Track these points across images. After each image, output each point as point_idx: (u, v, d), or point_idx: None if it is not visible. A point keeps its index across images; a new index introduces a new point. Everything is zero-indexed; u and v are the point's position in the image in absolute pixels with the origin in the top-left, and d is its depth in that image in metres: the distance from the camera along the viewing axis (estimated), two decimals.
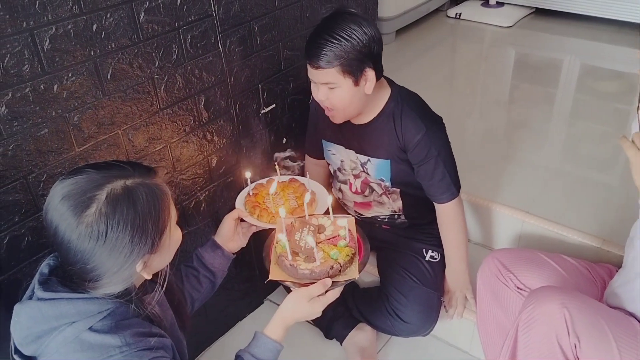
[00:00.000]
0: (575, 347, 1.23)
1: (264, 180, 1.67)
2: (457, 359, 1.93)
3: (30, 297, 1.04)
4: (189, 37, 1.47)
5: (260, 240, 1.60)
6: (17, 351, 1.04)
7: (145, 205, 1.00)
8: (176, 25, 1.42)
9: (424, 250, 1.87)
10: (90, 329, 1.00)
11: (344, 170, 1.83)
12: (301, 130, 1.98)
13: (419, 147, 1.64)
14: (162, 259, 1.10)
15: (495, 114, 2.75)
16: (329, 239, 1.36)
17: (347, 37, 1.47)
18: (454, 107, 2.79)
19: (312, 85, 1.60)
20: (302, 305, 1.26)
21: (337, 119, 1.64)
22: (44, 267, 1.06)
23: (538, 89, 2.98)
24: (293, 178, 1.68)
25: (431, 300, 1.80)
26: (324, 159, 1.91)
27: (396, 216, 1.87)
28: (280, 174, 1.69)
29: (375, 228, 1.91)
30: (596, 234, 1.82)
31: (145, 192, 1.00)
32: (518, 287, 1.52)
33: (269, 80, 1.79)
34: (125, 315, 1.04)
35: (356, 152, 1.76)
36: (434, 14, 3.79)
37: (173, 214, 1.08)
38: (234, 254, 1.53)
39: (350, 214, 1.86)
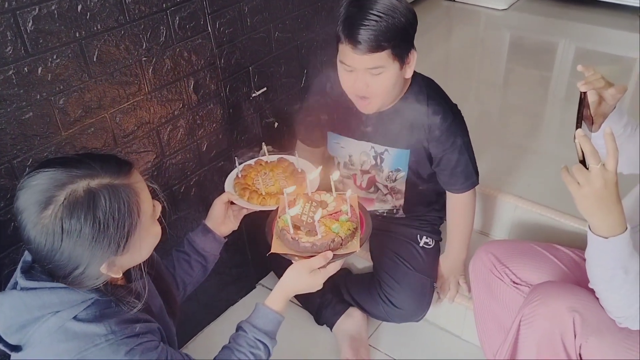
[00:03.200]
0: (581, 347, 1.23)
1: (252, 161, 1.65)
2: (448, 342, 1.93)
3: (14, 286, 1.02)
4: (177, 18, 1.44)
5: (251, 223, 1.59)
6: (1, 340, 1.02)
7: (108, 209, 0.96)
8: (164, 6, 1.39)
9: (418, 236, 1.86)
10: (75, 318, 0.99)
11: (351, 165, 1.78)
12: (293, 113, 1.95)
13: (445, 135, 1.59)
14: (133, 258, 1.06)
15: (489, 98, 2.73)
16: (330, 214, 1.35)
17: (393, 15, 1.36)
18: (449, 90, 2.72)
19: (346, 74, 1.47)
20: (303, 277, 1.25)
21: (371, 108, 1.52)
22: (27, 255, 1.04)
23: (533, 73, 2.96)
24: (282, 158, 1.65)
25: (424, 287, 1.80)
26: (319, 147, 1.85)
27: (395, 210, 1.86)
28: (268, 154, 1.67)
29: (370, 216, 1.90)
30: None
31: (108, 195, 0.96)
32: (514, 282, 1.51)
33: (260, 63, 1.76)
34: (109, 303, 1.03)
35: (372, 142, 1.69)
36: None
37: (147, 212, 1.04)
38: (225, 237, 1.51)
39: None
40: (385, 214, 1.88)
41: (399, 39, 1.39)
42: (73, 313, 0.99)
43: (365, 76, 1.43)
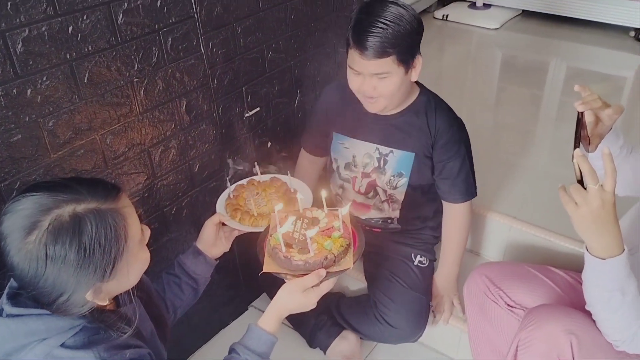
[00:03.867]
0: None
1: (244, 181, 1.63)
2: None
3: (0, 313, 1.00)
4: (170, 39, 1.43)
5: (243, 245, 1.57)
6: None
7: (94, 234, 0.94)
8: (156, 27, 1.38)
9: (412, 254, 1.84)
10: (62, 345, 0.96)
11: (354, 166, 1.78)
12: (287, 133, 1.95)
13: (450, 143, 1.64)
14: (120, 284, 1.04)
15: (481, 116, 2.73)
16: (322, 231, 1.33)
17: (399, 23, 1.42)
18: None
19: (354, 76, 1.53)
20: (296, 296, 1.22)
21: (377, 107, 1.58)
22: (14, 281, 1.01)
23: (525, 91, 2.98)
24: (274, 177, 1.64)
25: (420, 305, 1.78)
26: (322, 156, 1.87)
27: (389, 220, 1.85)
28: (261, 174, 1.66)
29: (365, 231, 1.88)
30: None
31: (95, 221, 0.94)
32: (508, 305, 1.50)
33: (253, 83, 1.75)
34: (98, 329, 1.00)
35: (378, 144, 1.71)
36: (420, 15, 3.75)
37: (135, 237, 1.02)
38: (216, 259, 1.49)
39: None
40: (380, 223, 1.86)
41: (404, 45, 1.44)
42: (60, 340, 0.96)
43: (372, 80, 1.50)
